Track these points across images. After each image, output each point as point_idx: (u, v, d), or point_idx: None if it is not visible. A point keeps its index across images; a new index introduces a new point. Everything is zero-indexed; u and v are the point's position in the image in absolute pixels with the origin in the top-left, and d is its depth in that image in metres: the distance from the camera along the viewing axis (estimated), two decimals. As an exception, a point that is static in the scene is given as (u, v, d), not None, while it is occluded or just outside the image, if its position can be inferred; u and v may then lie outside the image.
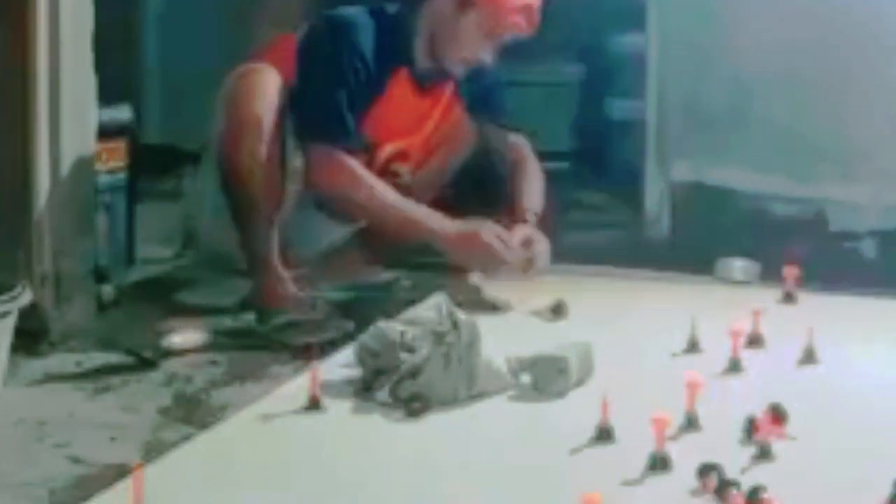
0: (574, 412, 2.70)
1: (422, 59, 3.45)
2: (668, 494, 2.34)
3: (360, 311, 3.27)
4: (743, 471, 2.39)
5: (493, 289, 3.47)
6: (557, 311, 3.36)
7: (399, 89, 3.44)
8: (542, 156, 3.65)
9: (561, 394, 2.81)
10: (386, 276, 3.60)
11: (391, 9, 3.45)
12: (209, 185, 3.37)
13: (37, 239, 3.07)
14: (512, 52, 3.47)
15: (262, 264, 3.27)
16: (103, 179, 3.50)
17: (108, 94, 3.31)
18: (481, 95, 3.58)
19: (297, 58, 3.36)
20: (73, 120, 3.13)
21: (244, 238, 3.29)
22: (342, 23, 3.37)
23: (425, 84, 3.46)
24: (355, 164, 3.32)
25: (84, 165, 3.20)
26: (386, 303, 3.38)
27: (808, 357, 3.03)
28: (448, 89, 3.52)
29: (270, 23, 4.17)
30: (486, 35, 3.39)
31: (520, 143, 3.62)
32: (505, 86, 3.67)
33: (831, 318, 3.27)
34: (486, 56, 3.43)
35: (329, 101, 3.31)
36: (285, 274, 3.28)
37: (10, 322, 2.71)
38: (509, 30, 3.40)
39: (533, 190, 3.55)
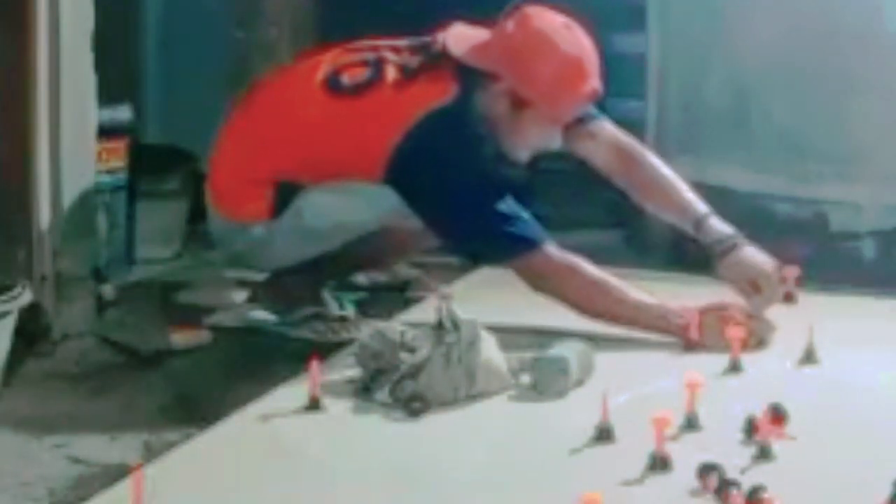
0: (574, 412, 2.70)
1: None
2: (668, 494, 2.34)
3: (375, 309, 3.30)
4: (743, 471, 2.39)
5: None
6: None
7: None
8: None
9: (561, 394, 2.81)
10: (406, 273, 3.58)
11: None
12: None
13: (37, 239, 3.07)
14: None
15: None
16: (103, 179, 3.50)
17: (108, 94, 3.31)
18: None
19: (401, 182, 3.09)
20: (73, 120, 3.13)
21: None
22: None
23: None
24: (565, 258, 3.11)
25: (84, 165, 3.20)
26: (401, 301, 3.40)
27: (808, 357, 3.03)
28: None
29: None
30: (550, 125, 3.20)
31: (608, 130, 3.42)
32: None
33: (831, 318, 3.26)
34: (555, 142, 3.24)
35: (485, 219, 3.06)
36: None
37: (10, 322, 2.72)
38: (575, 114, 3.25)
39: (680, 187, 3.33)
